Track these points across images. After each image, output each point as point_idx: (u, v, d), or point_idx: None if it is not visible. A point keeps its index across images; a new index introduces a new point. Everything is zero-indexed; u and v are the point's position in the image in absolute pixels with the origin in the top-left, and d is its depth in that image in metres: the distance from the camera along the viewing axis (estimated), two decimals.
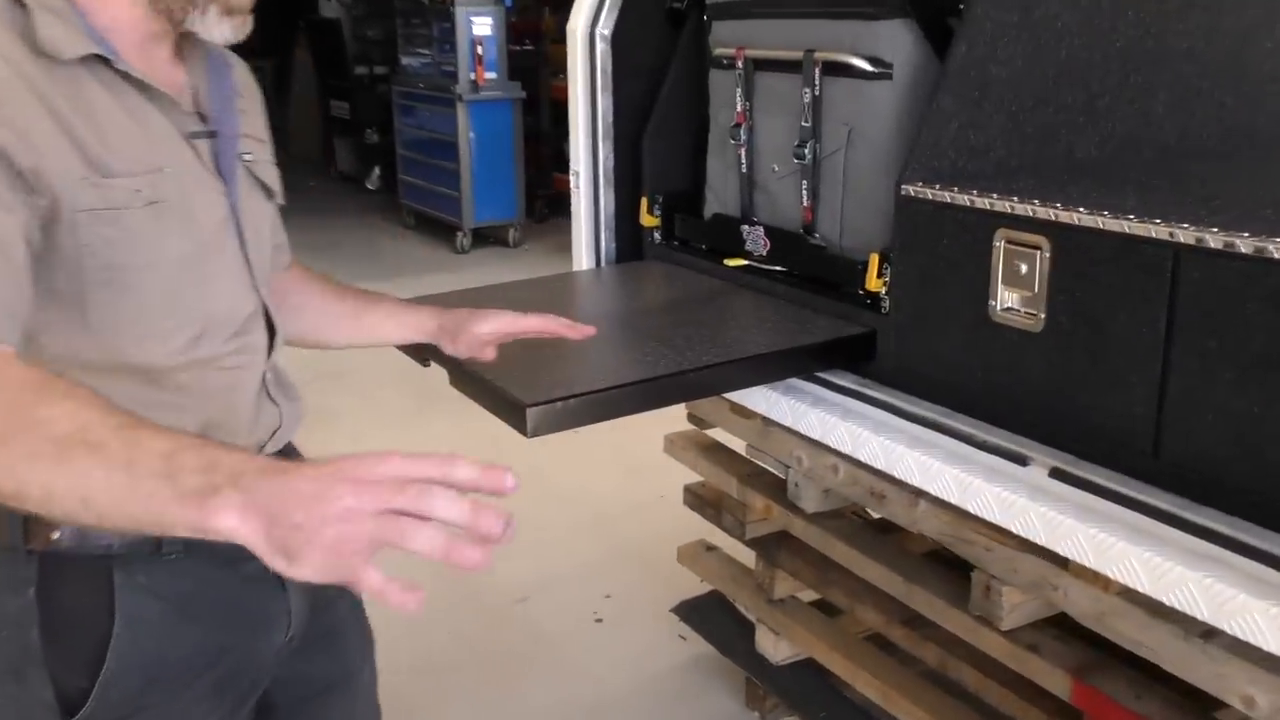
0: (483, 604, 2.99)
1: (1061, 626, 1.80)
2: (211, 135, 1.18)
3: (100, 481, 0.81)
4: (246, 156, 1.24)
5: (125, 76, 1.07)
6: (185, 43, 1.19)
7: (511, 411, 1.51)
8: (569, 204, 2.40)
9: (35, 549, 1.08)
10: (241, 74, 1.31)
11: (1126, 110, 1.78)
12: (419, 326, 1.55)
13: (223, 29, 1.14)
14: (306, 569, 0.76)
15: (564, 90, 7.26)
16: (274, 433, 1.26)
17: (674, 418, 2.55)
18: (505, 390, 1.52)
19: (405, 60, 7.44)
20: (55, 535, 1.07)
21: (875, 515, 2.15)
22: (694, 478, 2.59)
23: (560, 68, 7.65)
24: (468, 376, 1.61)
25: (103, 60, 1.05)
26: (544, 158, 7.56)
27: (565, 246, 7.67)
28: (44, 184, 0.99)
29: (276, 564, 0.77)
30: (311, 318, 1.47)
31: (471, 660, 2.75)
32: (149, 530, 0.87)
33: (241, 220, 1.20)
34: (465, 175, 6.74)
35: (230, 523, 0.77)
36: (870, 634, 2.25)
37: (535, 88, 7.39)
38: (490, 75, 6.72)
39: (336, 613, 1.40)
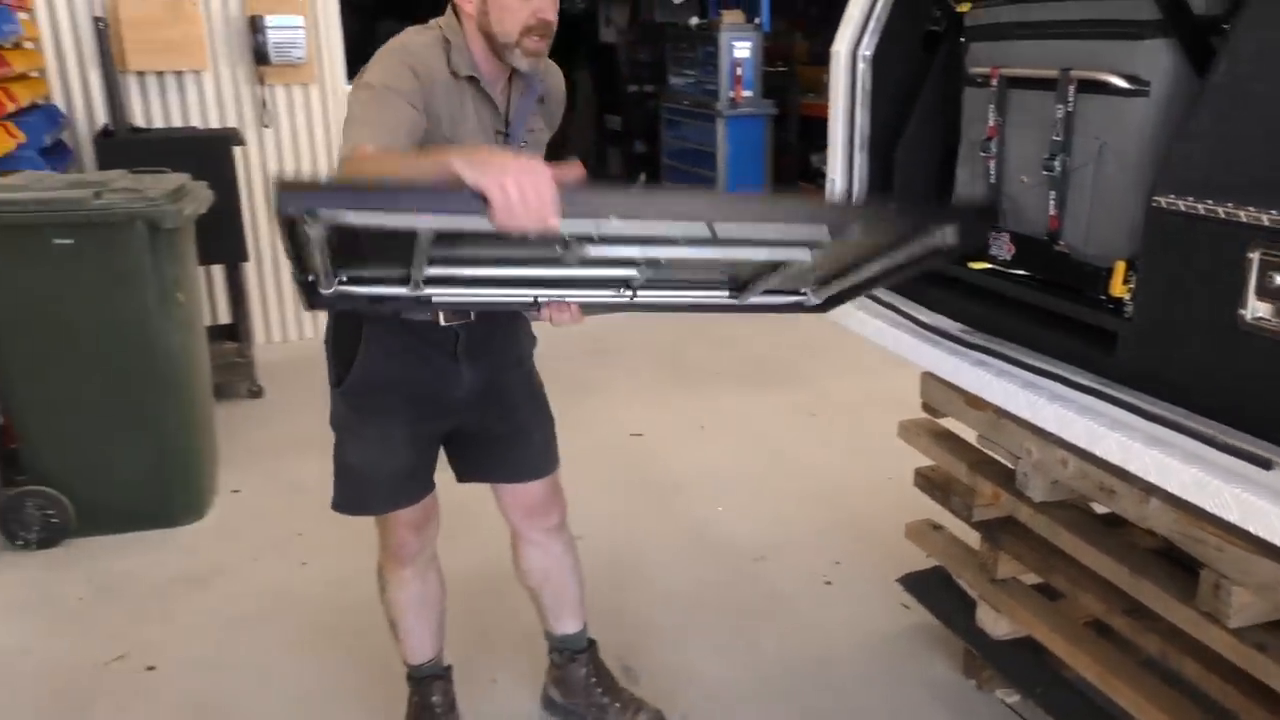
0: (724, 559, 3.06)
1: None
2: (505, 135, 1.84)
3: (415, 169, 1.40)
4: (522, 143, 1.86)
5: (481, 91, 1.80)
6: (516, 73, 1.83)
7: None
8: None
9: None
10: (554, 81, 1.96)
11: None
12: None
13: (524, 63, 1.77)
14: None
15: (811, 107, 7.24)
16: None
17: (910, 407, 2.52)
18: None
19: (672, 80, 7.59)
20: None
21: (1098, 509, 2.06)
22: (923, 462, 2.55)
23: (809, 87, 7.60)
24: None
25: (473, 80, 1.79)
26: (791, 168, 7.54)
27: None
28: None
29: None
30: None
31: (713, 604, 2.82)
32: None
33: None
34: (720, 181, 6.83)
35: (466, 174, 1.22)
36: (1089, 620, 2.15)
37: (786, 105, 7.37)
38: (747, 93, 6.77)
39: (508, 386, 1.96)
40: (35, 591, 2.92)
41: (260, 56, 4.60)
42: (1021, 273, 1.91)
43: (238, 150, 4.35)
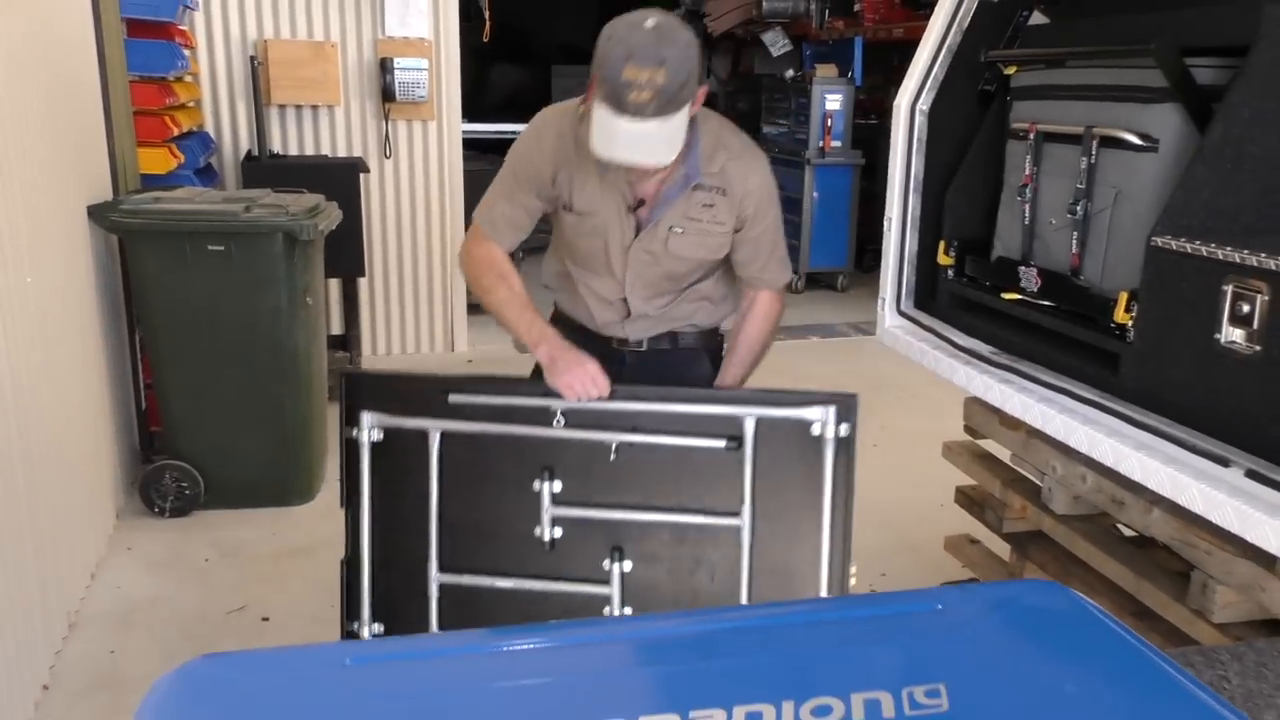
0: None
1: (1276, 628, 1.85)
2: (637, 208, 1.98)
3: (507, 308, 2.00)
4: (676, 230, 1.98)
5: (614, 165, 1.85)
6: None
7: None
8: None
9: None
10: (738, 176, 2.00)
11: None
12: None
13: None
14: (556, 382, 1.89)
15: None
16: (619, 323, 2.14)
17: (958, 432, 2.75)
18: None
19: (765, 129, 7.93)
20: None
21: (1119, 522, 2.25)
22: (965, 481, 2.77)
23: None
24: None
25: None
26: (876, 216, 7.75)
27: None
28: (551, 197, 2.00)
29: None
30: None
31: None
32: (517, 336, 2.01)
33: (631, 253, 2.00)
34: (806, 228, 7.10)
35: (538, 354, 1.91)
36: None
37: (875, 156, 7.61)
38: (836, 143, 7.05)
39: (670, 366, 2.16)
40: (169, 552, 3.34)
41: (388, 94, 5.09)
42: (1046, 302, 2.15)
43: (363, 177, 4.81)
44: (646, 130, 1.69)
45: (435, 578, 2.02)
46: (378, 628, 2.10)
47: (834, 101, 7.04)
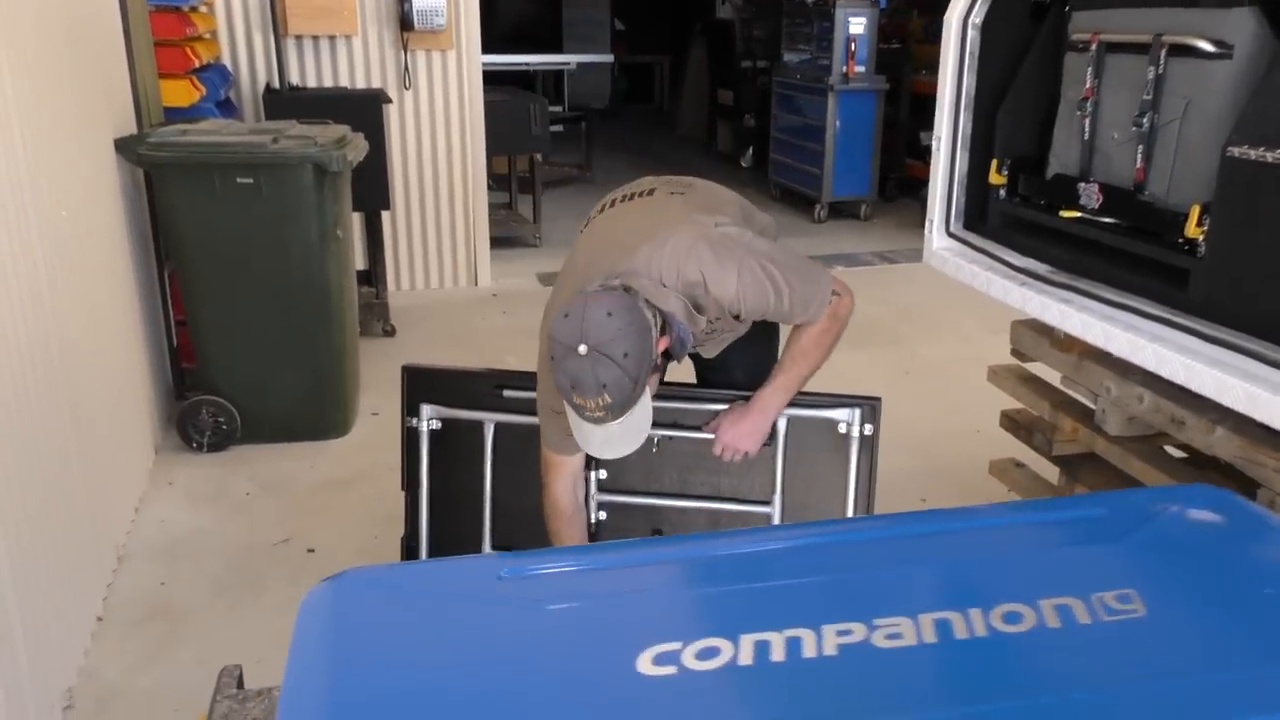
0: None
1: None
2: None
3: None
4: (702, 343, 2.00)
5: None
6: None
7: None
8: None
9: None
10: (718, 306, 1.89)
11: None
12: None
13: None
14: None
15: (924, 85, 7.31)
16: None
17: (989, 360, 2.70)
18: None
19: (786, 56, 7.75)
20: None
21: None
22: (1010, 406, 2.75)
23: (922, 65, 7.67)
24: None
25: None
26: (899, 144, 7.63)
27: (910, 223, 7.71)
28: None
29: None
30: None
31: None
32: None
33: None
34: (828, 156, 6.98)
35: None
36: None
37: (898, 82, 7.46)
38: (859, 69, 6.89)
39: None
40: (211, 485, 3.35)
41: (405, 23, 4.97)
42: (1108, 220, 2.10)
43: (384, 109, 4.73)
44: (612, 431, 1.73)
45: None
46: None
47: (857, 25, 6.86)
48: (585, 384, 1.65)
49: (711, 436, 2.08)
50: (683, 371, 2.18)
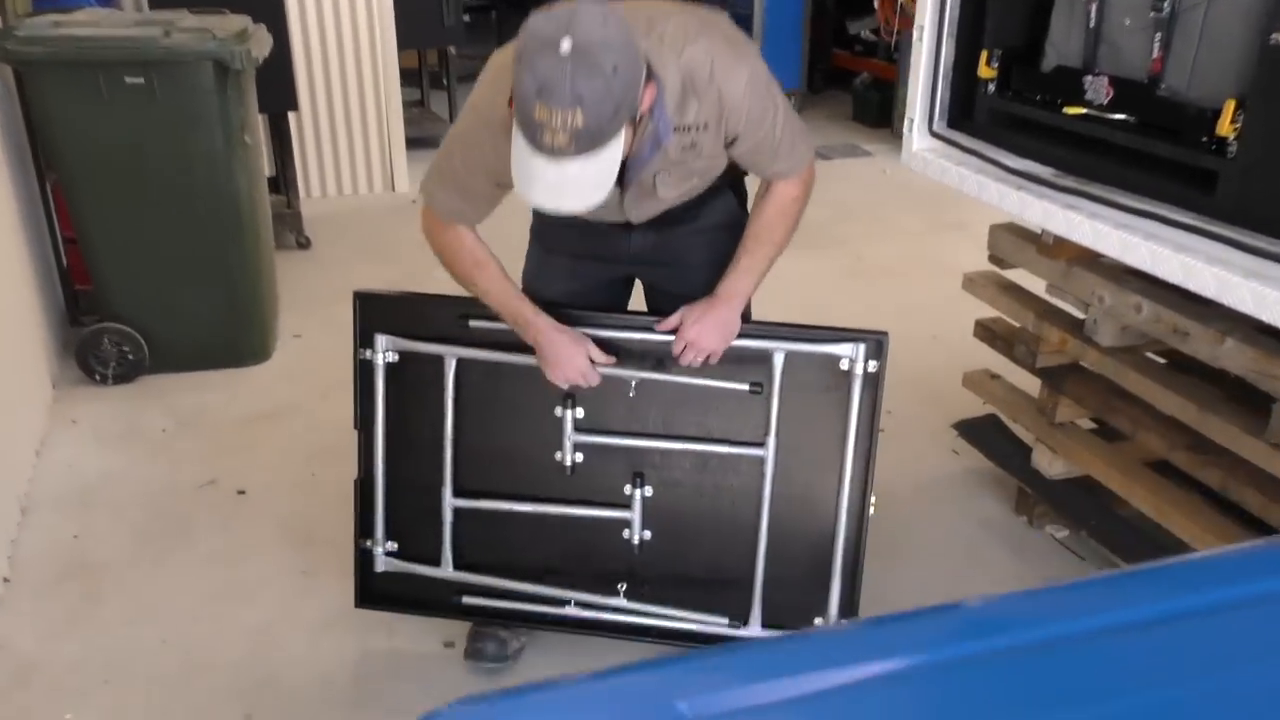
0: None
1: None
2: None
3: (490, 299, 1.85)
4: (660, 175, 1.72)
5: None
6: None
7: None
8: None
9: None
10: (710, 104, 1.63)
11: None
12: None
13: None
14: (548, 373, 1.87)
15: None
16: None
17: (951, 270, 2.56)
18: None
19: None
20: None
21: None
22: (965, 321, 2.64)
23: None
24: None
25: None
26: (825, 35, 7.38)
27: (840, 115, 7.47)
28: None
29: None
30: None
31: None
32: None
33: (626, 197, 1.76)
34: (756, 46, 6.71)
35: (527, 339, 1.85)
36: (1147, 460, 2.25)
37: None
38: None
39: (685, 249, 1.94)
40: (121, 423, 3.04)
41: None
42: (1119, 116, 1.93)
43: None
44: (568, 173, 1.40)
45: (450, 502, 2.01)
46: (392, 545, 2.09)
47: None
48: (558, 91, 1.31)
49: (670, 337, 1.85)
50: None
